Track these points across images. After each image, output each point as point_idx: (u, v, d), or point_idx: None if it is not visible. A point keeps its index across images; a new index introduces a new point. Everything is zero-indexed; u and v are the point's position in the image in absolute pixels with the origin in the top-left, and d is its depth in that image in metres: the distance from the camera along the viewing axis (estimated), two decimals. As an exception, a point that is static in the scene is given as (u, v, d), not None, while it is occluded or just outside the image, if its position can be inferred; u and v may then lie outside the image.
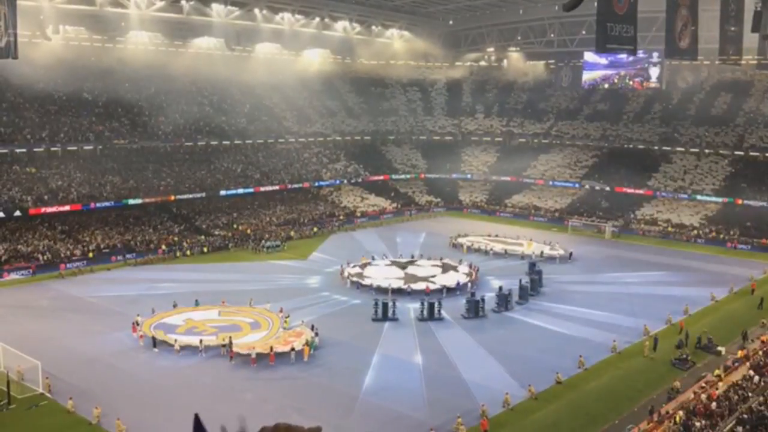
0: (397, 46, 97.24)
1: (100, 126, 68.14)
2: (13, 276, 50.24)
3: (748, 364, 32.58)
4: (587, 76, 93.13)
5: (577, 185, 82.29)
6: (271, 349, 34.86)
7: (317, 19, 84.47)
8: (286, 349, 35.29)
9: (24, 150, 61.77)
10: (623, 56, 78.03)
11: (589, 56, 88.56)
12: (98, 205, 60.27)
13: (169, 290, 45.84)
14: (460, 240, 64.63)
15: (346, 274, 51.25)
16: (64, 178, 61.48)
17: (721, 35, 30.45)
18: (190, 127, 74.14)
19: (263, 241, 62.13)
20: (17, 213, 55.56)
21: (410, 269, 53.54)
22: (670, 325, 41.19)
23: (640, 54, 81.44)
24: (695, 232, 69.34)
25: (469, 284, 49.47)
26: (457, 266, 54.19)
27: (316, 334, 37.17)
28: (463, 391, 31.44)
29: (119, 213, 61.86)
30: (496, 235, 66.91)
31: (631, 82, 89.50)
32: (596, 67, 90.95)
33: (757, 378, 30.40)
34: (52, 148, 63.63)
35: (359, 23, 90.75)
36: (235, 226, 65.93)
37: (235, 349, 35.03)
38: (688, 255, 61.75)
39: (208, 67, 78.13)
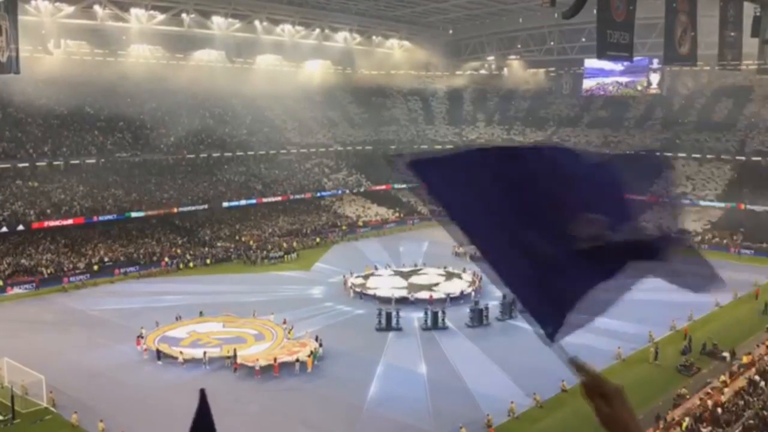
0: (397, 55, 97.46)
1: (102, 139, 68.36)
2: (17, 290, 50.28)
3: (754, 369, 32.47)
4: (588, 83, 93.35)
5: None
6: (275, 360, 34.80)
7: (317, 30, 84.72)
8: (291, 359, 35.24)
9: (26, 164, 61.97)
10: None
11: (594, 63, 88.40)
12: (101, 218, 60.36)
13: (173, 302, 45.79)
14: (463, 248, 64.33)
15: (349, 284, 51.20)
16: (67, 192, 61.59)
17: (721, 40, 30.54)
18: (192, 140, 74.30)
19: (266, 252, 62.23)
20: (20, 227, 55.65)
21: (413, 278, 53.46)
22: (675, 332, 41.06)
23: (644, 60, 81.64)
24: (698, 237, 69.18)
25: (473, 293, 49.37)
26: (461, 275, 54.12)
27: (320, 345, 37.11)
28: (468, 401, 31.33)
29: (122, 226, 61.89)
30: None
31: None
32: (600, 74, 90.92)
33: (763, 383, 30.29)
34: (55, 162, 63.82)
35: (359, 34, 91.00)
36: (237, 237, 65.97)
37: (239, 360, 34.99)
38: (692, 261, 61.40)
39: (209, 79, 78.35)
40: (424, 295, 48.20)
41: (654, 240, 2.58)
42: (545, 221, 2.41)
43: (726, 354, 36.87)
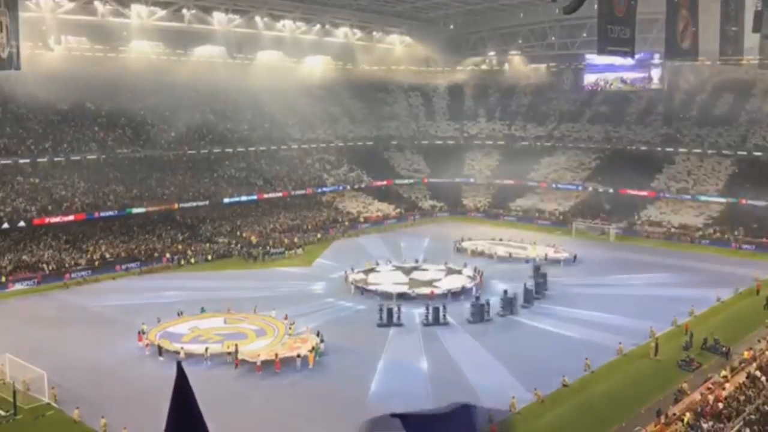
0: (398, 51, 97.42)
1: (103, 135, 68.36)
2: (19, 286, 50.33)
3: (754, 364, 32.47)
4: (590, 79, 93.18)
5: (580, 188, 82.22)
6: (276, 356, 34.84)
7: (318, 25, 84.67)
8: (292, 355, 35.28)
9: (27, 161, 61.98)
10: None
11: (598, 57, 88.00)
12: (102, 214, 60.39)
13: (174, 299, 45.85)
14: (465, 244, 64.56)
15: (350, 279, 51.22)
16: (68, 188, 61.61)
17: (722, 35, 30.44)
18: (193, 135, 74.32)
19: (267, 248, 62.30)
20: (22, 223, 55.69)
21: (415, 274, 53.51)
22: (676, 327, 41.08)
23: (646, 54, 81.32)
24: (699, 233, 69.17)
25: (474, 288, 49.40)
26: (462, 270, 54.14)
27: (322, 341, 37.14)
28: (470, 396, 31.28)
29: (123, 222, 61.92)
30: (500, 239, 66.86)
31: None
32: (607, 69, 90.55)
33: (764, 378, 30.30)
34: (56, 159, 63.80)
35: (360, 29, 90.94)
36: (238, 233, 65.97)
37: (240, 356, 35.01)
38: (693, 256, 61.60)
39: (210, 75, 78.33)
40: (425, 290, 48.24)
41: None
42: None
43: (724, 348, 36.84)
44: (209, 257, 60.39)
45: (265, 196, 73.54)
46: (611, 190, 79.10)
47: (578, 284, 51.65)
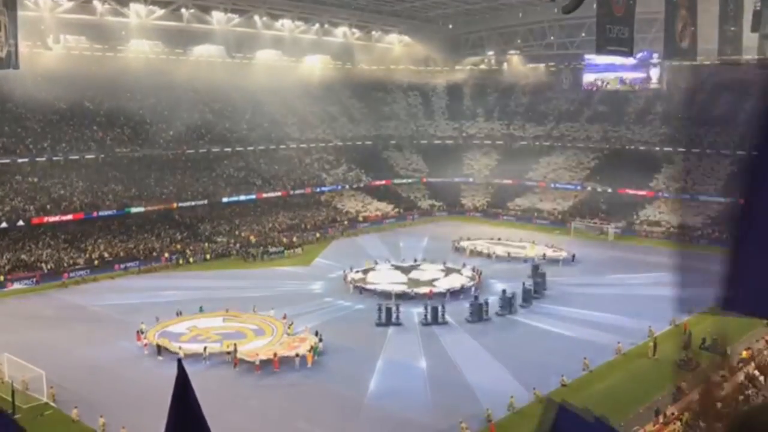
0: (397, 50, 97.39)
1: (102, 135, 68.27)
2: (17, 286, 50.28)
3: (753, 364, 32.49)
4: (589, 78, 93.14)
5: (578, 187, 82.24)
6: (275, 355, 34.83)
7: (317, 25, 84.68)
8: (291, 354, 35.28)
9: (26, 160, 61.80)
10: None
11: (599, 57, 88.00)
12: (101, 213, 60.32)
13: (173, 298, 45.80)
14: (463, 243, 64.55)
15: (349, 279, 51.21)
16: (67, 188, 61.54)
17: (721, 35, 30.50)
18: (192, 135, 74.20)
19: (266, 247, 62.30)
20: (20, 223, 55.64)
21: (413, 273, 53.50)
22: (674, 326, 41.08)
23: (647, 54, 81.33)
24: (698, 232, 69.12)
25: (473, 288, 49.40)
26: (461, 270, 54.14)
27: (321, 340, 37.14)
28: (468, 395, 31.37)
29: (122, 221, 61.86)
30: (499, 239, 66.86)
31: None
32: (609, 69, 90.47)
33: (762, 378, 30.33)
34: (54, 158, 63.64)
35: (359, 29, 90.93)
36: (237, 233, 65.95)
37: (239, 356, 34.99)
38: (692, 256, 61.46)
39: (208, 74, 78.26)
40: (423, 290, 48.24)
41: None
42: None
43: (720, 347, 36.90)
44: (208, 257, 60.35)
45: (264, 195, 73.48)
46: (610, 190, 79.12)
47: (577, 284, 51.66)
